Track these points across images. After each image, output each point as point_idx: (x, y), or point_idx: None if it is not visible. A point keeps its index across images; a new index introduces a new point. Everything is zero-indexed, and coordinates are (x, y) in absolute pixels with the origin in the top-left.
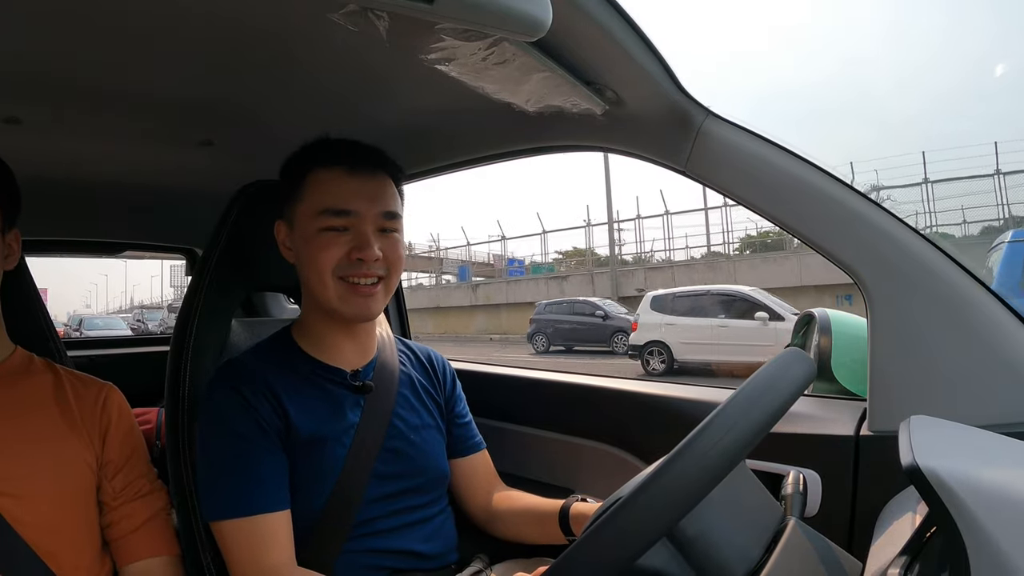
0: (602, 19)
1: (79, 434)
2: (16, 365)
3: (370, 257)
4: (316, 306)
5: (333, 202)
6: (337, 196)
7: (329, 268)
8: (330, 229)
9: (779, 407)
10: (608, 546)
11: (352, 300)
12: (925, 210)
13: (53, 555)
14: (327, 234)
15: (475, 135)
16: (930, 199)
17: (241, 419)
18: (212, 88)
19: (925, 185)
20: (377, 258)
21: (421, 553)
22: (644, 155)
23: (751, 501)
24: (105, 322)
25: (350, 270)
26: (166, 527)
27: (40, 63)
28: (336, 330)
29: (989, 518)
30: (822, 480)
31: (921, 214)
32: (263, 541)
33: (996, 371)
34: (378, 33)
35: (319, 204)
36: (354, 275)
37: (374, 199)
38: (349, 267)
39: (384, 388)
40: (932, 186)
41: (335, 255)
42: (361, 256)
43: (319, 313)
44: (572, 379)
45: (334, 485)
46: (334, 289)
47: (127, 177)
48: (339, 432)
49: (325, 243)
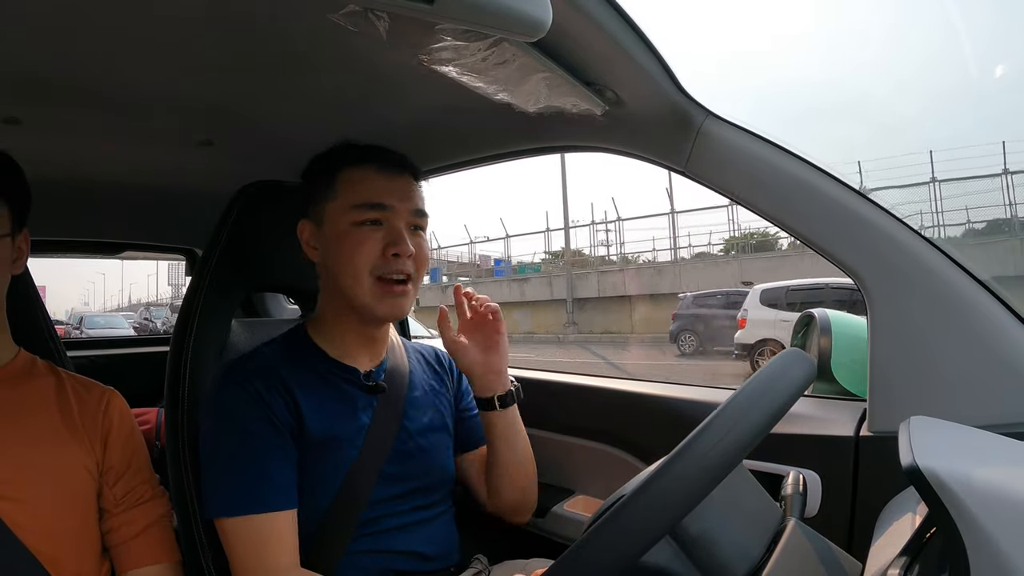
0: (602, 19)
1: (80, 439)
2: (19, 368)
3: (405, 252)
4: (342, 305)
5: (368, 196)
6: (371, 191)
7: (366, 266)
8: (364, 224)
9: (779, 408)
10: (607, 547)
11: (386, 299)
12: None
13: (53, 560)
14: (362, 229)
15: (475, 135)
16: (927, 200)
17: (253, 415)
18: (212, 88)
19: (920, 188)
20: (411, 254)
21: (424, 554)
22: (644, 155)
23: (750, 501)
24: (107, 320)
25: (385, 267)
26: (167, 534)
27: (40, 63)
28: (356, 330)
29: (989, 519)
30: (822, 481)
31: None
32: (268, 540)
33: (996, 371)
34: (378, 33)
35: (353, 199)
36: (389, 272)
37: (405, 196)
38: (384, 264)
39: (395, 390)
40: (923, 188)
41: (371, 251)
42: (397, 251)
43: (342, 312)
44: (572, 379)
45: (341, 486)
46: (369, 287)
47: (127, 177)
48: (351, 433)
49: (360, 238)
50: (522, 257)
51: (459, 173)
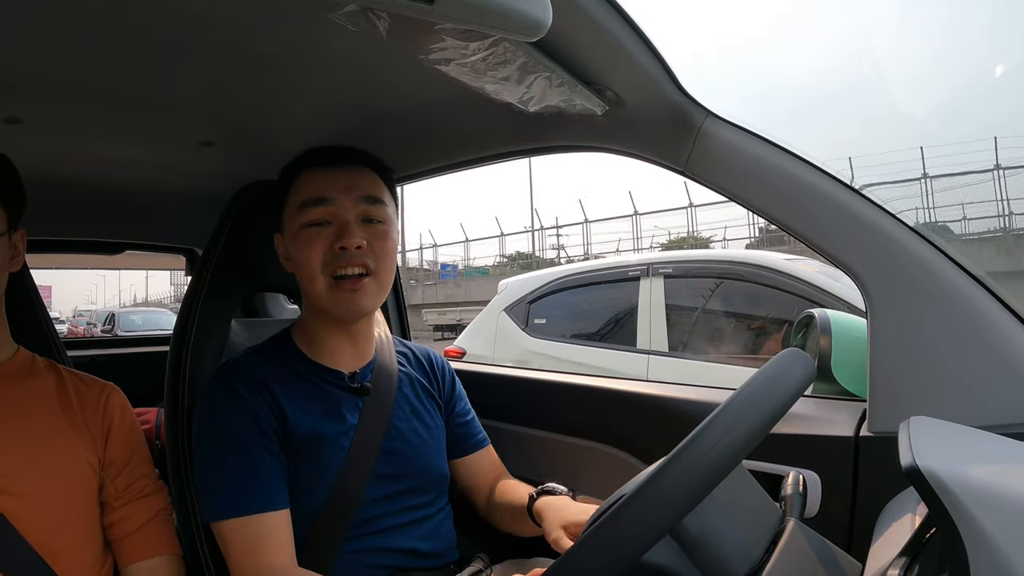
0: (602, 19)
1: (81, 434)
2: (19, 365)
3: (351, 244)
4: (312, 307)
5: (308, 193)
6: (313, 188)
7: (317, 264)
8: (312, 224)
9: (779, 408)
10: (606, 547)
11: (339, 296)
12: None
13: (54, 555)
14: (310, 229)
15: (475, 135)
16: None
17: (238, 418)
18: (212, 88)
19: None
20: (360, 246)
21: (421, 551)
22: (644, 155)
23: (750, 501)
24: (145, 319)
25: (335, 263)
26: (167, 527)
27: (41, 63)
28: (333, 331)
29: (989, 519)
30: (822, 481)
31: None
32: (263, 541)
33: (996, 372)
34: (378, 33)
35: (297, 200)
36: (339, 267)
37: (350, 187)
38: (334, 260)
39: (383, 390)
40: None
41: (319, 249)
42: (343, 244)
43: (316, 314)
44: (572, 379)
45: (332, 486)
46: (324, 287)
47: (127, 177)
48: (337, 434)
49: (309, 237)
50: (485, 260)
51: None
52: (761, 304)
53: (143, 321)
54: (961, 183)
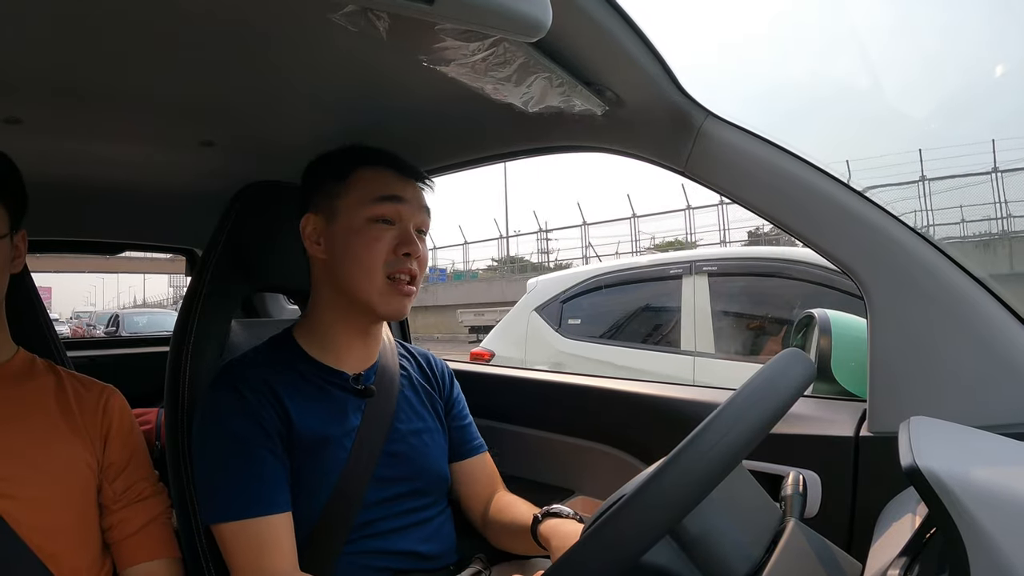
0: (602, 20)
1: (80, 436)
2: (18, 367)
3: (416, 252)
4: (342, 302)
5: (384, 189)
6: (388, 185)
7: (380, 262)
8: (380, 220)
9: (779, 408)
10: (607, 547)
11: (394, 298)
12: None
13: (53, 557)
14: (377, 225)
15: (475, 135)
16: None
17: (241, 420)
18: (212, 88)
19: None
20: (420, 255)
21: (421, 554)
22: (644, 156)
23: (750, 502)
24: (150, 320)
25: (396, 266)
26: (166, 530)
27: (40, 63)
28: (350, 331)
29: (989, 519)
30: (822, 481)
31: None
32: (265, 545)
33: (996, 371)
34: (378, 34)
35: (371, 193)
36: (400, 271)
37: (415, 195)
38: (396, 263)
39: (385, 391)
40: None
41: (383, 249)
42: (408, 251)
43: (339, 310)
44: (572, 379)
45: (333, 488)
46: (380, 285)
47: (127, 177)
48: (340, 435)
49: (376, 235)
50: (479, 264)
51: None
52: (809, 304)
53: (148, 322)
54: (961, 184)
